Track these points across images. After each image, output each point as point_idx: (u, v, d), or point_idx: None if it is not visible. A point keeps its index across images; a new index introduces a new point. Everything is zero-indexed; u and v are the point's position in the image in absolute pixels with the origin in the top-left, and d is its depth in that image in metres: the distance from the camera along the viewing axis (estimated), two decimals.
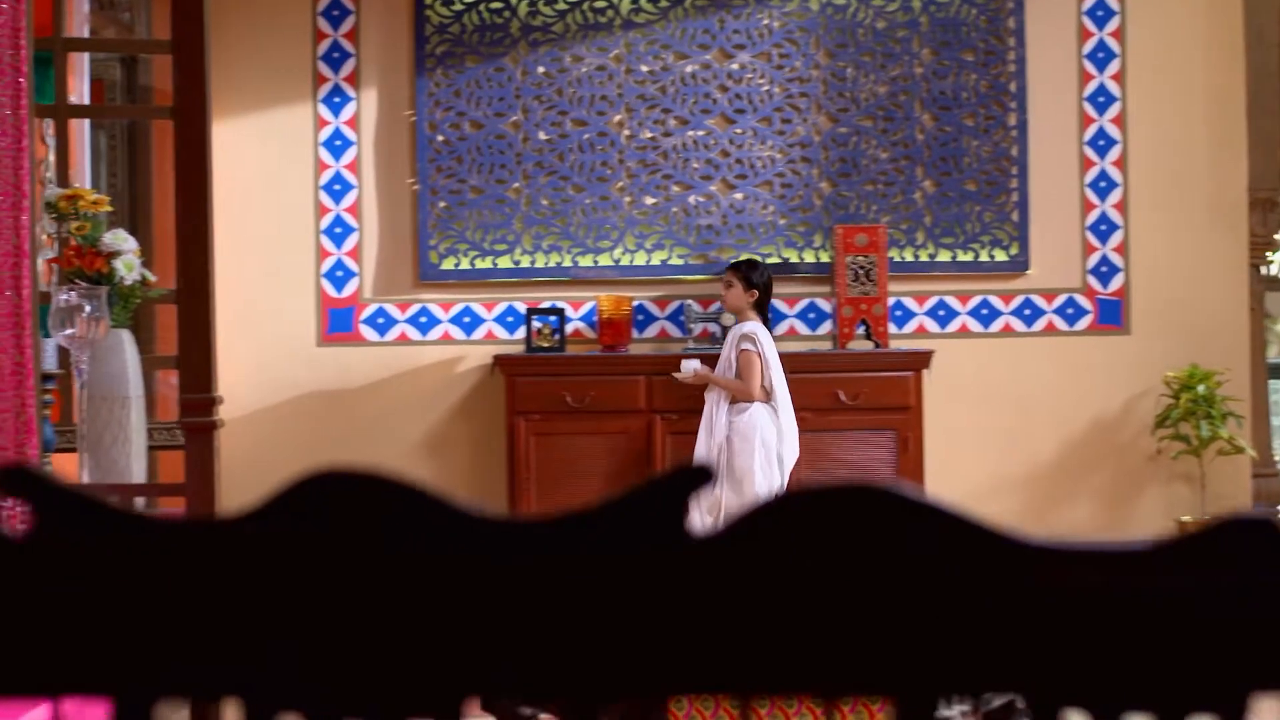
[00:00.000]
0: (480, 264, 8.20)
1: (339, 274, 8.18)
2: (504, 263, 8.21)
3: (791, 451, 7.36)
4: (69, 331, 5.65)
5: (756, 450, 7.25)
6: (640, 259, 8.21)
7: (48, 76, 6.54)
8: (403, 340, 8.21)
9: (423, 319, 8.21)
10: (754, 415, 7.29)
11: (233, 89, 8.10)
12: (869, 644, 1.47)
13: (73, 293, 5.70)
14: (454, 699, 1.54)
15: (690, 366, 7.48)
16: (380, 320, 8.20)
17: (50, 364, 5.83)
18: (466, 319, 8.21)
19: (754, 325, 7.42)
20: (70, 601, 1.58)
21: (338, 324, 8.18)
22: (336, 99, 8.18)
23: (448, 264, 8.19)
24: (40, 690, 1.64)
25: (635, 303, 8.16)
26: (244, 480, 7.95)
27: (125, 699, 1.60)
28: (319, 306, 8.18)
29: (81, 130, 7.04)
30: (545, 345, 8.04)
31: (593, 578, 1.49)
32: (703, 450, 7.34)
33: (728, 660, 1.49)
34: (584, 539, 1.49)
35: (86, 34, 7.18)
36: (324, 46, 8.17)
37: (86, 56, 7.06)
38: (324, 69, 8.18)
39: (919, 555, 1.47)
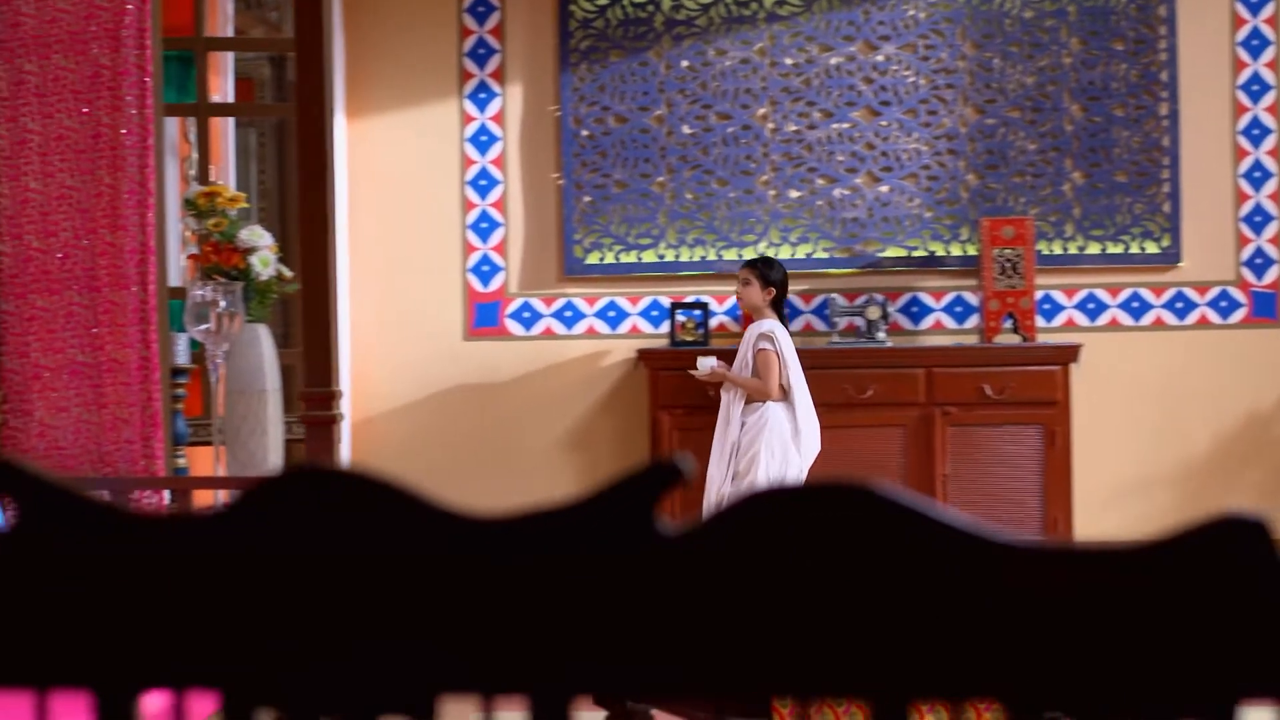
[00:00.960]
0: (625, 258, 8.15)
1: (485, 269, 8.18)
2: (648, 257, 8.16)
3: (810, 450, 7.21)
4: (204, 326, 5.70)
5: (768, 449, 7.12)
6: (785, 252, 8.10)
7: (190, 76, 6.60)
8: (548, 334, 8.19)
9: (568, 313, 8.18)
10: (767, 414, 7.16)
11: (380, 86, 8.13)
12: (842, 645, 1.42)
13: (207, 288, 5.75)
14: (428, 696, 1.51)
15: (707, 364, 7.35)
16: (526, 315, 8.19)
17: (183, 358, 5.87)
18: (611, 313, 8.17)
19: (772, 324, 7.26)
20: (51, 594, 1.59)
21: (484, 318, 8.18)
22: (482, 95, 8.17)
23: (592, 258, 8.15)
24: (23, 681, 1.64)
25: None
26: (396, 472, 7.97)
27: (105, 692, 1.61)
28: (465, 301, 8.18)
29: (226, 128, 7.10)
30: (689, 339, 7.98)
31: (560, 575, 1.46)
32: (718, 448, 7.24)
33: (696, 659, 1.45)
34: (554, 537, 1.47)
35: (231, 33, 7.24)
36: (470, 43, 8.17)
37: (231, 55, 7.12)
38: (470, 65, 8.18)
39: (894, 555, 1.41)
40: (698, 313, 8.01)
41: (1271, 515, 1.39)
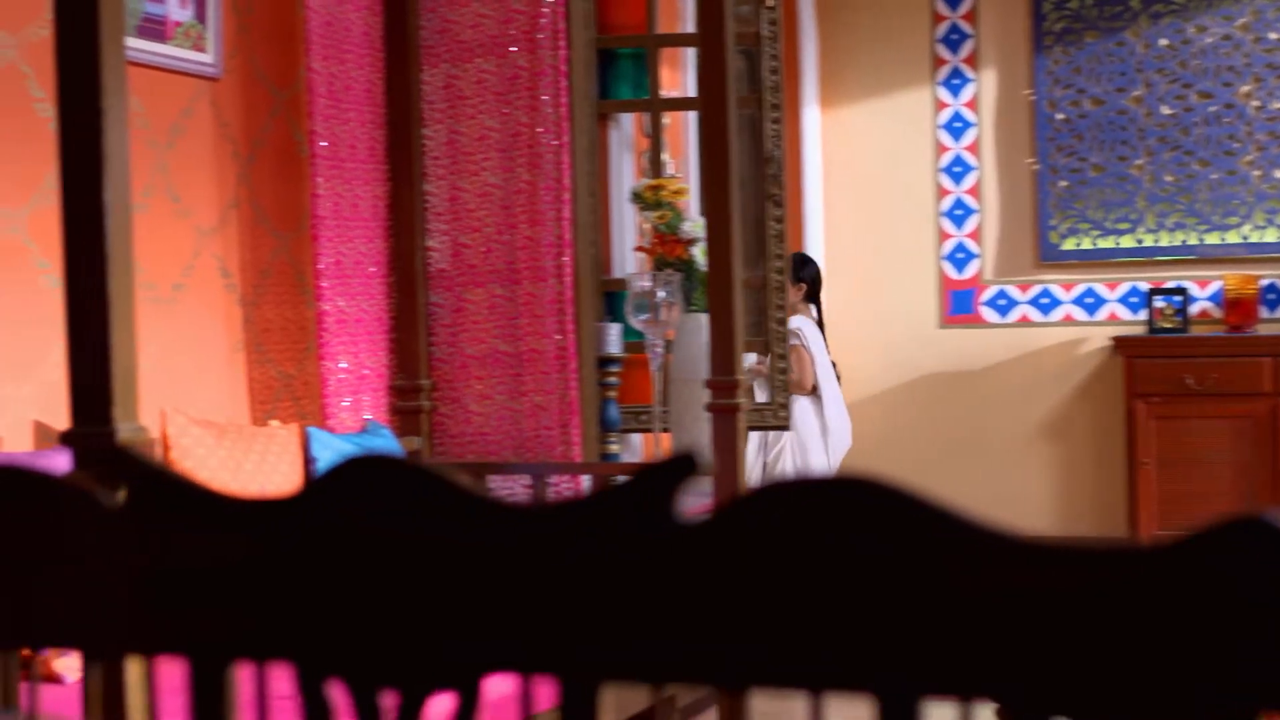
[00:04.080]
0: (1102, 243, 7.81)
1: (959, 256, 7.98)
2: (1126, 242, 7.80)
3: (839, 446, 6.80)
4: (643, 316, 5.75)
5: (796, 443, 6.78)
6: (1270, 235, 7.61)
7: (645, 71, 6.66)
8: (1023, 322, 7.92)
9: (1044, 300, 7.90)
10: (796, 409, 6.75)
11: (853, 76, 8.04)
12: (846, 639, 1.41)
13: (646, 278, 5.80)
14: (471, 673, 1.60)
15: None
16: (1001, 302, 7.95)
17: (615, 348, 5.94)
18: (1089, 300, 7.85)
19: (799, 320, 6.86)
20: (158, 569, 1.76)
21: (959, 306, 7.98)
22: (955, 81, 7.97)
23: (1068, 244, 7.84)
24: (127, 647, 1.83)
25: (1265, 281, 7.58)
26: (871, 459, 7.90)
27: (199, 660, 1.77)
28: (939, 288, 8.00)
29: (689, 122, 7.12)
30: (1167, 326, 7.59)
31: (584, 561, 1.52)
32: (751, 443, 6.86)
33: (706, 646, 1.47)
34: (579, 525, 1.52)
35: (691, 29, 7.25)
36: (942, 29, 7.98)
37: (692, 50, 7.13)
38: (942, 51, 7.99)
39: (900, 549, 1.39)
40: (1177, 299, 7.61)
41: None
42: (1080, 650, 1.31)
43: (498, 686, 1.63)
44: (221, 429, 4.65)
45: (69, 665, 3.72)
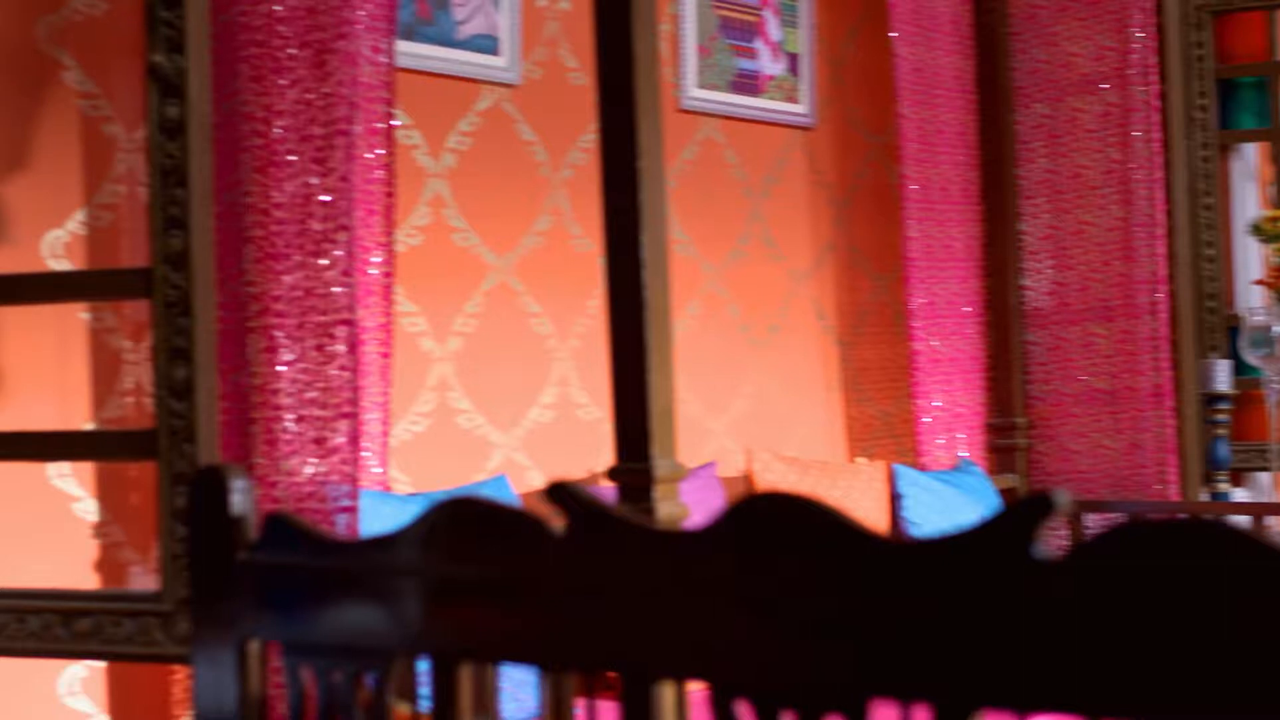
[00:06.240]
0: None
1: None
2: None
3: None
4: (1260, 352, 5.57)
5: None
6: None
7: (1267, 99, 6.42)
8: None
9: None
10: None
11: None
12: (1201, 678, 1.42)
13: (1262, 313, 5.62)
14: (859, 699, 1.67)
15: None
16: None
17: (1224, 384, 5.74)
18: None
19: None
20: (588, 590, 1.93)
21: None
22: None
23: None
24: (564, 665, 2.03)
25: None
26: None
27: (632, 675, 1.91)
28: None
29: None
30: None
31: (947, 595, 1.58)
32: None
33: (1070, 680, 1.49)
34: (945, 560, 1.59)
35: None
36: None
37: None
38: None
39: (1255, 594, 1.39)
40: None
41: None
42: None
43: None
44: (805, 465, 4.78)
45: None
